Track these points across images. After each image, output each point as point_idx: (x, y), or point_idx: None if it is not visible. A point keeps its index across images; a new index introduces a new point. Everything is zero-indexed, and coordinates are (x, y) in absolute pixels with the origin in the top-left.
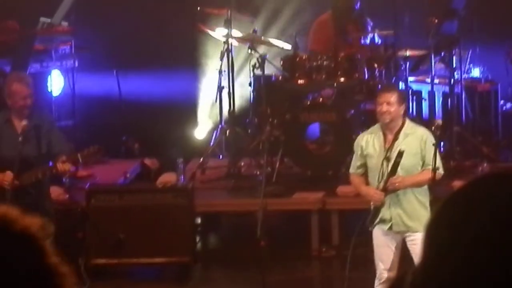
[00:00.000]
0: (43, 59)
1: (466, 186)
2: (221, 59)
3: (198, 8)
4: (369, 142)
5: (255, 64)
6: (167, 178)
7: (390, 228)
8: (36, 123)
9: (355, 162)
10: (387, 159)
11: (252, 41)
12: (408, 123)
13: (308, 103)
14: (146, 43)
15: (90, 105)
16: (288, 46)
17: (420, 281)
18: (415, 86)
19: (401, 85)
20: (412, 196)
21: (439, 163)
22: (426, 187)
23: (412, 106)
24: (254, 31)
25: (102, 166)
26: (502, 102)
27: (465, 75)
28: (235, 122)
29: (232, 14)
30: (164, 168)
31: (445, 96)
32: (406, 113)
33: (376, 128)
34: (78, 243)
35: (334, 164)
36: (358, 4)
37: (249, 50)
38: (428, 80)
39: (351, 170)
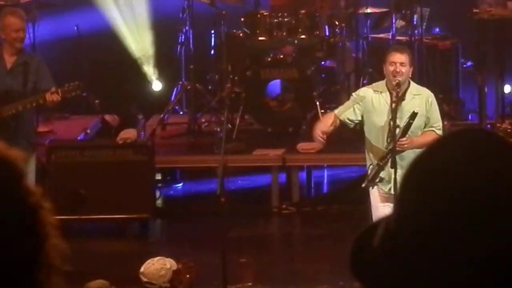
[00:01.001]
0: None
1: (431, 146)
2: (182, 15)
3: None
4: (375, 99)
5: (215, 20)
6: (128, 134)
7: (390, 189)
8: (26, 59)
9: (347, 112)
10: (394, 119)
11: None
12: (413, 85)
13: (269, 60)
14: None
15: (50, 58)
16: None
17: (393, 227)
18: (376, 44)
19: (362, 43)
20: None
21: (441, 124)
22: None
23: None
24: None
25: (63, 122)
26: (464, 61)
27: (426, 33)
28: (196, 78)
29: None
30: (124, 124)
31: None
32: (417, 74)
33: (381, 86)
34: None
35: (295, 121)
36: None
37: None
38: (389, 37)
39: (336, 111)
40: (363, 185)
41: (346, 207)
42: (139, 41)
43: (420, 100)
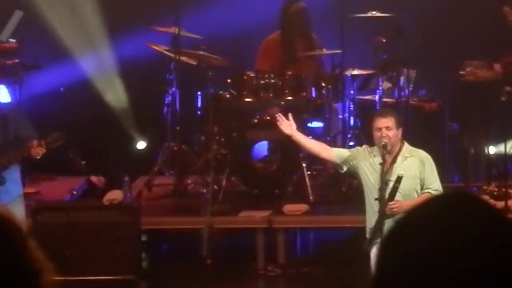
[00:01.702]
0: None
1: (418, 207)
2: (169, 76)
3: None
4: (371, 161)
5: (201, 81)
6: (114, 195)
7: None
8: (4, 111)
9: (341, 150)
10: (385, 182)
11: (200, 59)
12: (407, 146)
13: (255, 121)
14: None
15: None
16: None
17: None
18: (362, 105)
19: (348, 104)
20: None
21: (438, 184)
22: None
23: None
24: (202, 49)
25: (49, 183)
26: (450, 123)
27: (412, 95)
28: (182, 139)
29: (180, 32)
30: (110, 185)
31: None
32: (403, 136)
33: (375, 150)
34: None
35: (281, 183)
36: (308, 24)
37: (197, 68)
38: (376, 99)
39: (333, 148)
40: (363, 248)
41: (332, 269)
42: (115, 94)
43: (412, 162)
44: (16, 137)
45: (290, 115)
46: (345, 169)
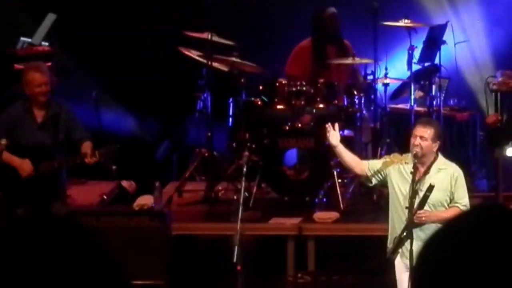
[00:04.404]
0: None
1: (446, 225)
2: (201, 82)
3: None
4: (402, 168)
5: (234, 88)
6: (144, 200)
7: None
8: (55, 111)
9: (373, 162)
10: (415, 191)
11: (232, 65)
12: (441, 159)
13: (287, 128)
14: (126, 65)
15: None
16: (267, 71)
17: None
18: (394, 114)
19: (380, 113)
20: None
21: (467, 201)
22: None
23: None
24: (235, 55)
25: (80, 187)
26: (481, 133)
27: (444, 104)
28: (213, 146)
29: (212, 37)
30: (141, 191)
31: None
32: (440, 149)
33: (409, 157)
34: None
35: (311, 190)
36: (339, 30)
37: (229, 74)
38: (408, 108)
39: (366, 161)
40: (386, 257)
41: (361, 278)
42: None
43: (445, 175)
44: (67, 138)
45: (336, 125)
46: (374, 182)
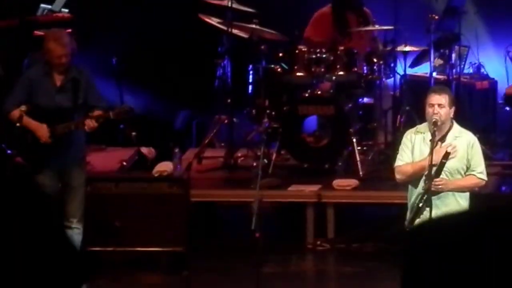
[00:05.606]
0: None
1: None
2: (221, 49)
3: None
4: (417, 139)
5: (254, 55)
6: (164, 167)
7: None
8: (74, 76)
9: (404, 156)
10: (431, 158)
11: (252, 32)
12: (456, 127)
13: (306, 95)
14: (145, 33)
15: None
16: (287, 38)
17: None
18: (413, 82)
19: (399, 80)
20: (453, 200)
21: (483, 168)
22: (468, 192)
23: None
24: (255, 22)
25: (99, 154)
26: (501, 102)
27: (465, 72)
28: (233, 112)
29: (232, 4)
30: (160, 157)
31: None
32: (455, 116)
33: (423, 127)
34: None
35: (331, 157)
36: None
37: (249, 41)
38: (427, 75)
39: (398, 163)
40: (406, 227)
41: (381, 246)
42: None
43: (460, 143)
44: (86, 103)
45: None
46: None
